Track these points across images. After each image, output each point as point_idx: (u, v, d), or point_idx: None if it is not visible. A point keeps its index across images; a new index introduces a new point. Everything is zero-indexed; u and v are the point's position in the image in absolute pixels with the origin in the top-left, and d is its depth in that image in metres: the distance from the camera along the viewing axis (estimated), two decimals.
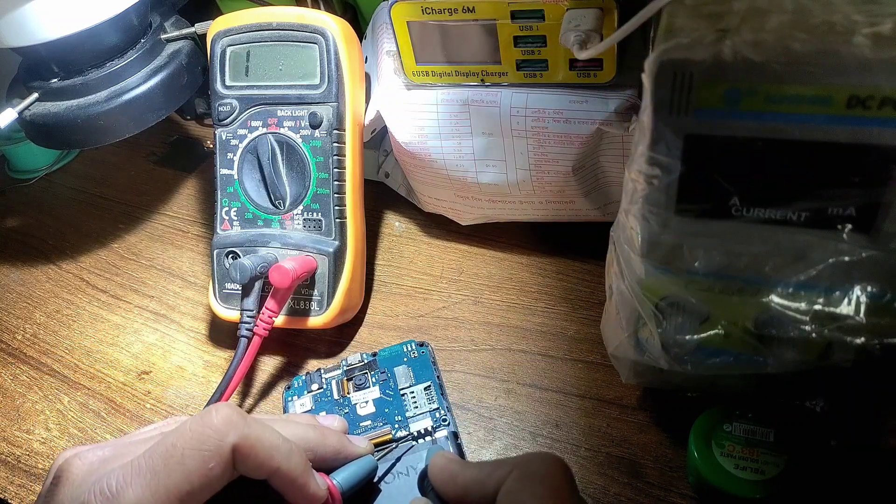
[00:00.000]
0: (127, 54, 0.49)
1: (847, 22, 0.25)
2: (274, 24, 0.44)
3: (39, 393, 0.47)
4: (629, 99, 0.41)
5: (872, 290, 0.28)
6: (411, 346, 0.44)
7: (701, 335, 0.32)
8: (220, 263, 0.46)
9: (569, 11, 0.38)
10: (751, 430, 0.35)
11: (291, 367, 0.46)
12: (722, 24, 0.26)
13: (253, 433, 0.28)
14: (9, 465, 0.43)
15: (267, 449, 0.29)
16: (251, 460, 0.28)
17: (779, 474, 0.33)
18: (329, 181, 0.44)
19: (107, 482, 0.27)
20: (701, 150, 0.28)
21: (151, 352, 0.49)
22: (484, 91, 0.44)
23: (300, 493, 0.30)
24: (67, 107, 0.48)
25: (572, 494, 0.29)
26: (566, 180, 0.45)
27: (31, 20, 0.44)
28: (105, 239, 0.58)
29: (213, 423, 0.28)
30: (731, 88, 0.26)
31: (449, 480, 0.32)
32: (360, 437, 0.38)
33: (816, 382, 0.33)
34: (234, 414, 0.29)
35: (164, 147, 0.67)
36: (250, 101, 0.45)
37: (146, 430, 0.34)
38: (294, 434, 0.32)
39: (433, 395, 0.41)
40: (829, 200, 0.28)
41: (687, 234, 0.30)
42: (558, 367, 0.43)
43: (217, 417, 0.28)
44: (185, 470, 0.27)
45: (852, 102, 0.25)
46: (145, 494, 0.27)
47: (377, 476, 0.36)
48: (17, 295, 0.55)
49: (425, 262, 0.52)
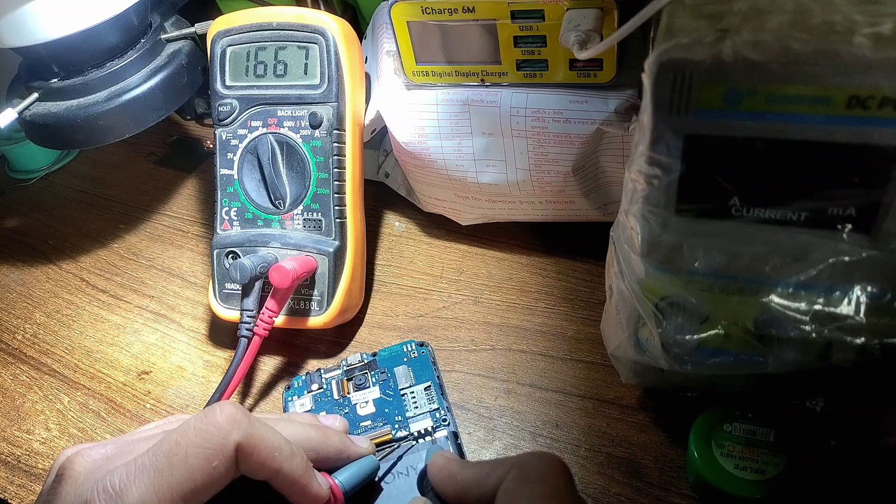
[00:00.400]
0: (127, 54, 0.49)
1: (847, 22, 0.25)
2: (274, 24, 0.44)
3: (39, 393, 0.47)
4: (629, 99, 0.41)
5: (872, 290, 0.28)
6: (411, 346, 0.44)
7: (701, 335, 0.32)
8: (220, 263, 0.46)
9: (569, 11, 0.38)
10: (751, 430, 0.35)
11: (291, 367, 0.46)
12: (722, 24, 0.26)
13: (256, 432, 0.28)
14: (9, 465, 0.43)
15: (269, 449, 0.29)
16: (254, 459, 0.28)
17: (779, 474, 0.33)
18: (329, 181, 0.44)
19: (110, 480, 0.27)
20: (701, 150, 0.28)
21: (151, 352, 0.49)
22: (484, 91, 0.44)
23: (302, 493, 0.30)
24: (67, 107, 0.48)
25: (571, 494, 0.29)
26: (566, 180, 0.45)
27: (31, 20, 0.44)
28: (105, 239, 0.59)
29: (217, 420, 0.28)
30: (731, 88, 0.26)
31: (448, 480, 0.32)
32: (362, 436, 0.38)
33: (816, 382, 0.33)
34: (238, 412, 0.28)
35: (164, 147, 0.67)
36: (250, 101, 0.45)
37: (148, 428, 0.34)
38: (297, 433, 0.32)
39: (433, 395, 0.41)
40: (829, 200, 0.28)
41: (687, 234, 0.30)
42: (558, 367, 0.43)
43: (221, 415, 0.28)
44: (188, 468, 0.27)
45: (852, 102, 0.25)
46: (149, 492, 0.27)
47: (378, 475, 0.36)
48: (17, 295, 0.55)
49: (425, 262, 0.52)
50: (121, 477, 0.27)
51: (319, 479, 0.31)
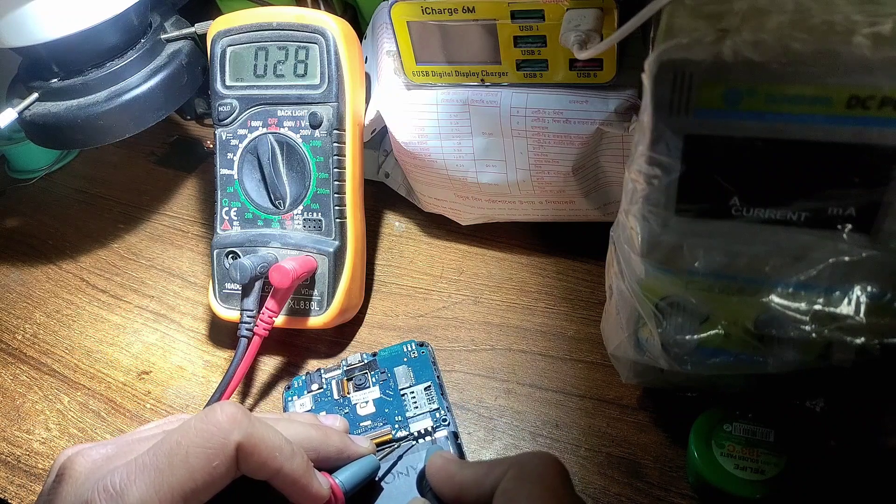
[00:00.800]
0: (127, 54, 0.49)
1: (847, 22, 0.25)
2: (274, 24, 0.44)
3: (39, 393, 0.47)
4: (629, 99, 0.41)
5: (872, 290, 0.28)
6: (411, 346, 0.44)
7: (701, 335, 0.32)
8: (220, 263, 0.46)
9: (569, 11, 0.38)
10: (751, 430, 0.35)
11: (291, 367, 0.46)
12: (722, 24, 0.26)
13: (257, 432, 0.28)
14: (9, 465, 0.43)
15: (270, 449, 0.29)
16: (254, 459, 0.28)
17: (779, 474, 0.33)
18: (329, 181, 0.44)
19: (110, 480, 0.27)
20: (701, 150, 0.28)
21: (151, 352, 0.49)
22: (484, 91, 0.44)
23: (302, 493, 0.30)
24: (67, 107, 0.48)
25: (568, 493, 0.29)
26: (566, 180, 0.45)
27: (31, 20, 0.44)
28: (105, 239, 0.58)
29: (217, 420, 0.28)
30: (731, 88, 0.26)
31: (446, 480, 0.32)
32: (362, 436, 0.38)
33: (816, 382, 0.33)
34: (238, 412, 0.29)
35: (164, 147, 0.67)
36: (250, 101, 0.45)
37: (148, 428, 0.34)
38: (297, 433, 0.32)
39: (433, 396, 0.41)
40: (829, 200, 0.28)
41: (687, 234, 0.30)
42: (558, 367, 0.43)
43: (222, 415, 0.28)
44: (189, 467, 0.27)
45: (852, 102, 0.25)
46: (149, 492, 0.27)
47: (378, 475, 0.36)
48: (17, 295, 0.55)
49: (425, 262, 0.52)
50: (121, 476, 0.27)
51: (320, 479, 0.31)
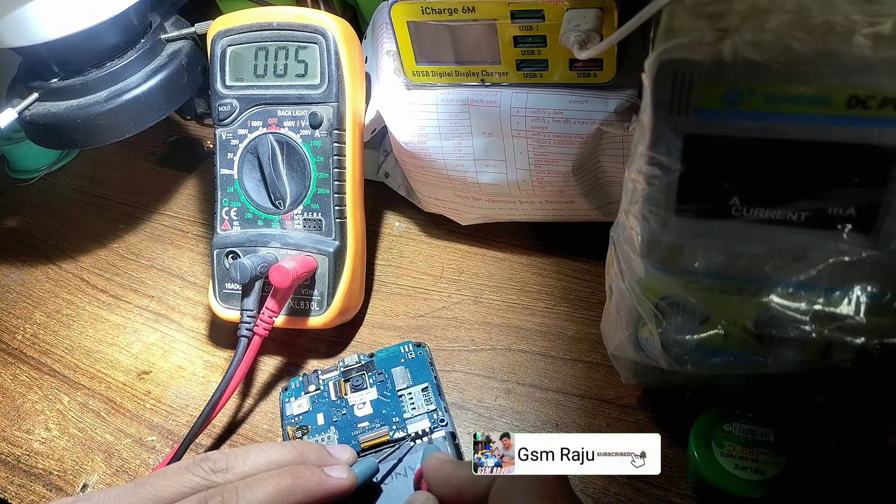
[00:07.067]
0: (127, 54, 0.49)
1: (847, 22, 0.25)
2: (274, 24, 0.44)
3: (39, 393, 0.47)
4: (629, 99, 0.41)
5: (872, 290, 0.28)
6: (409, 347, 0.44)
7: (701, 335, 0.32)
8: (220, 263, 0.46)
9: (569, 11, 0.38)
10: (751, 430, 0.35)
11: (291, 367, 0.46)
12: (722, 24, 0.26)
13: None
14: (9, 465, 0.43)
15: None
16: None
17: (779, 474, 0.33)
18: (329, 181, 0.44)
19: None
20: (701, 150, 0.28)
21: (151, 352, 0.49)
22: (484, 91, 0.44)
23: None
24: (67, 107, 0.48)
25: (563, 490, 0.29)
26: (566, 180, 0.45)
27: (31, 20, 0.44)
28: (105, 239, 0.58)
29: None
30: (731, 88, 0.26)
31: (443, 481, 0.32)
32: (341, 445, 0.37)
33: (816, 382, 0.33)
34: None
35: (164, 147, 0.67)
36: (250, 101, 0.45)
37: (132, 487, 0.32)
38: (269, 456, 0.32)
39: (431, 396, 0.41)
40: (829, 200, 0.28)
41: (687, 234, 0.30)
42: (558, 367, 0.43)
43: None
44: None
45: (852, 102, 0.25)
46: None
47: (378, 477, 0.36)
48: (17, 295, 0.55)
49: (425, 262, 0.52)
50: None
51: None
